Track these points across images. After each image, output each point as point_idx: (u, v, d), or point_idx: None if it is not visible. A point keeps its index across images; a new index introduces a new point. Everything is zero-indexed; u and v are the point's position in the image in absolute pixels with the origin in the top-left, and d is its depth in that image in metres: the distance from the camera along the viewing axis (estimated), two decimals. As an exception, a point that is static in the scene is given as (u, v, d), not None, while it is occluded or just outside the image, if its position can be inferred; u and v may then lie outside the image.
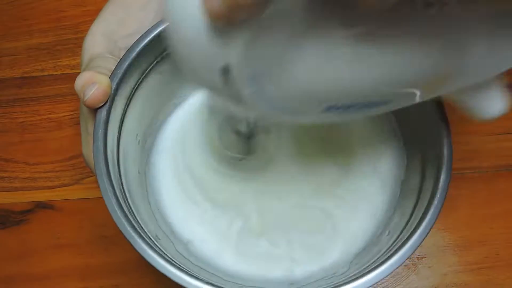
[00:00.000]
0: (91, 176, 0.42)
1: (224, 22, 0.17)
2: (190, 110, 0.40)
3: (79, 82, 0.30)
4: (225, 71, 0.20)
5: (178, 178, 0.38)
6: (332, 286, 0.27)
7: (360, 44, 0.19)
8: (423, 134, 0.33)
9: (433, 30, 0.20)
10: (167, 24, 0.20)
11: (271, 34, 0.18)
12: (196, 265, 0.33)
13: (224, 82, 0.20)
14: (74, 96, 0.30)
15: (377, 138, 0.38)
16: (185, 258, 0.33)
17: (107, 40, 0.35)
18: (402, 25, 0.19)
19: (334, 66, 0.20)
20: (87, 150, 0.33)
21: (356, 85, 0.21)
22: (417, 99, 0.24)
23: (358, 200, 0.37)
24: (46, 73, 0.47)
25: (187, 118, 0.40)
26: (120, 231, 0.28)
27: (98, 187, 0.29)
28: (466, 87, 0.24)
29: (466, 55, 0.21)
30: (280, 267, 0.35)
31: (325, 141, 0.39)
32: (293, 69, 0.20)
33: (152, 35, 0.33)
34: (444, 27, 0.20)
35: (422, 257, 0.39)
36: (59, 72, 0.47)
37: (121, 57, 0.33)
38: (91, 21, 0.37)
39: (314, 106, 0.23)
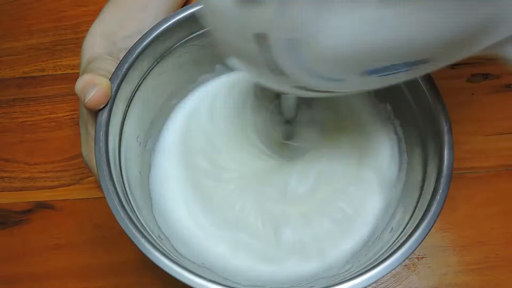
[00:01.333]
0: (91, 176, 0.42)
1: None
2: (190, 110, 0.40)
3: (80, 84, 0.30)
4: (260, 37, 0.19)
5: (179, 179, 0.38)
6: (334, 283, 0.27)
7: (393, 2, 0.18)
8: (424, 133, 0.33)
9: None
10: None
11: None
12: (196, 263, 0.33)
13: (260, 50, 0.20)
14: (74, 96, 0.30)
15: (379, 137, 0.38)
16: (185, 258, 0.33)
17: (106, 41, 0.35)
18: None
19: (369, 25, 0.19)
20: (87, 151, 0.33)
21: (394, 44, 0.20)
22: (459, 57, 0.23)
23: (363, 198, 0.37)
24: (46, 73, 0.47)
25: (187, 118, 0.40)
26: (123, 231, 0.28)
27: (100, 188, 0.29)
28: (507, 38, 0.23)
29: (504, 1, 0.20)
30: (283, 265, 0.35)
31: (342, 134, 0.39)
32: (327, 31, 0.19)
33: (153, 36, 0.33)
34: None
35: (422, 257, 0.39)
36: (59, 72, 0.47)
37: (120, 58, 0.33)
38: (92, 21, 0.37)
39: (353, 69, 0.21)
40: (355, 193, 0.37)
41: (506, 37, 0.23)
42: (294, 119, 0.38)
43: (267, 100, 0.39)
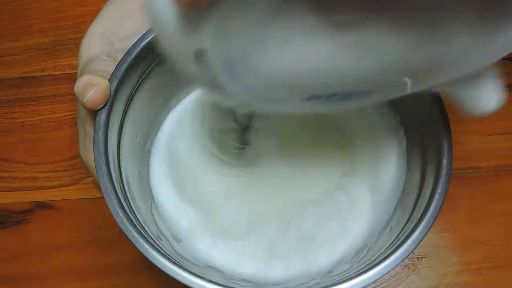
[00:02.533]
0: (91, 176, 0.42)
1: (191, 9, 0.18)
2: (188, 110, 0.40)
3: (79, 85, 0.30)
4: (199, 55, 0.20)
5: (176, 178, 0.38)
6: (334, 283, 0.27)
7: (336, 31, 0.18)
8: (423, 133, 0.33)
9: (413, 17, 0.19)
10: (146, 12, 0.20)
11: (239, 16, 0.18)
12: (195, 264, 0.33)
13: (200, 67, 0.20)
14: (74, 96, 0.30)
15: (378, 136, 0.38)
16: (184, 257, 0.33)
17: (104, 41, 0.35)
18: (381, 10, 0.18)
19: (307, 54, 0.19)
20: (85, 152, 0.33)
21: (334, 74, 0.20)
22: (402, 91, 0.23)
23: (359, 198, 0.37)
24: (46, 73, 0.47)
25: (184, 118, 0.40)
26: (122, 232, 0.28)
27: (99, 188, 0.29)
28: (458, 78, 0.23)
29: (450, 44, 0.20)
30: (281, 265, 0.35)
31: (327, 136, 0.39)
32: (266, 54, 0.19)
33: (152, 36, 0.33)
34: (425, 15, 0.19)
35: (422, 257, 0.39)
36: (59, 72, 0.47)
37: (118, 59, 0.33)
38: (91, 21, 0.37)
39: (293, 94, 0.22)
40: (353, 193, 0.37)
41: (453, 78, 0.23)
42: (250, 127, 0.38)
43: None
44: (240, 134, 0.39)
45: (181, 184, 0.38)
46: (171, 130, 0.39)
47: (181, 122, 0.40)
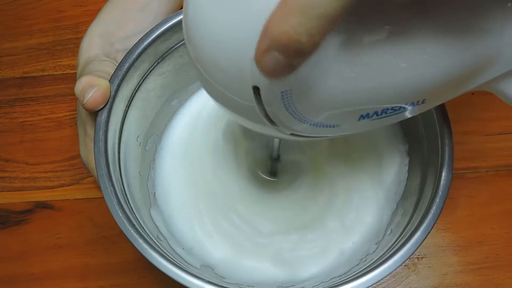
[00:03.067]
0: (91, 176, 0.42)
1: (272, 77, 0.17)
2: (192, 113, 0.40)
3: (79, 86, 0.30)
4: (256, 90, 0.19)
5: (181, 181, 0.38)
6: (334, 285, 0.27)
7: (388, 45, 0.18)
8: (424, 134, 0.33)
9: (459, 18, 0.19)
10: (195, 44, 0.20)
11: (314, 65, 0.18)
12: (193, 265, 0.33)
13: (255, 101, 0.20)
14: (74, 96, 0.30)
15: (379, 138, 0.38)
16: (182, 258, 0.33)
17: (104, 41, 0.35)
18: (430, 16, 0.18)
19: (365, 72, 0.19)
20: (85, 152, 0.33)
21: (391, 88, 0.20)
22: (452, 96, 0.23)
23: (361, 200, 0.37)
24: (46, 73, 0.47)
25: (190, 121, 0.40)
26: (121, 231, 0.28)
27: (99, 187, 0.29)
28: (503, 74, 0.23)
29: (501, 39, 0.20)
30: (283, 268, 0.35)
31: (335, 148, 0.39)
32: (324, 81, 0.19)
33: (154, 35, 0.33)
34: (470, 13, 0.19)
35: (422, 257, 0.39)
36: (59, 72, 0.47)
37: (118, 59, 0.33)
38: (91, 21, 0.37)
39: (349, 116, 0.22)
40: (355, 195, 0.37)
41: (501, 74, 0.23)
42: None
43: None
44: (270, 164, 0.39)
45: (192, 185, 0.38)
46: (179, 133, 0.39)
47: (191, 126, 0.40)
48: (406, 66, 0.19)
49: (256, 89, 0.19)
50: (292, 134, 0.23)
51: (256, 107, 0.20)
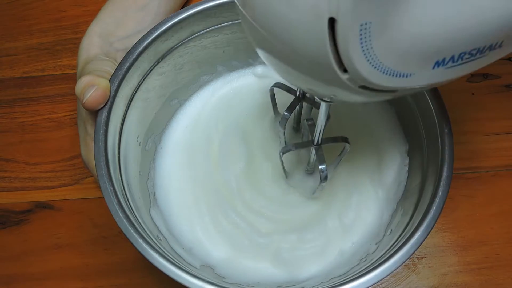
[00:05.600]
0: (91, 176, 0.42)
1: None
2: (192, 113, 0.40)
3: (79, 86, 0.30)
4: (331, 24, 0.18)
5: (181, 180, 0.38)
6: (334, 285, 0.27)
7: None
8: (424, 134, 0.33)
9: None
10: None
11: None
12: (194, 266, 0.33)
13: (328, 41, 0.18)
14: (74, 96, 0.30)
15: (380, 138, 0.38)
16: (182, 257, 0.33)
17: (103, 41, 0.35)
18: None
19: (453, 9, 0.18)
20: (86, 151, 0.33)
21: (474, 23, 0.19)
22: None
23: (361, 200, 0.37)
24: (46, 73, 0.47)
25: (190, 121, 0.40)
26: (121, 231, 0.28)
27: (99, 187, 0.29)
28: None
29: None
30: (283, 268, 0.35)
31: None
32: (407, 13, 0.18)
33: (154, 35, 0.33)
34: None
35: (422, 257, 0.39)
36: (59, 72, 0.47)
37: (117, 58, 0.33)
38: (91, 21, 0.37)
39: (424, 62, 0.20)
40: (355, 195, 0.37)
41: None
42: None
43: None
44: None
45: (192, 185, 0.38)
46: (179, 133, 0.39)
47: (192, 126, 0.40)
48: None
49: (331, 23, 0.18)
50: (361, 87, 0.21)
51: (328, 51, 0.19)
